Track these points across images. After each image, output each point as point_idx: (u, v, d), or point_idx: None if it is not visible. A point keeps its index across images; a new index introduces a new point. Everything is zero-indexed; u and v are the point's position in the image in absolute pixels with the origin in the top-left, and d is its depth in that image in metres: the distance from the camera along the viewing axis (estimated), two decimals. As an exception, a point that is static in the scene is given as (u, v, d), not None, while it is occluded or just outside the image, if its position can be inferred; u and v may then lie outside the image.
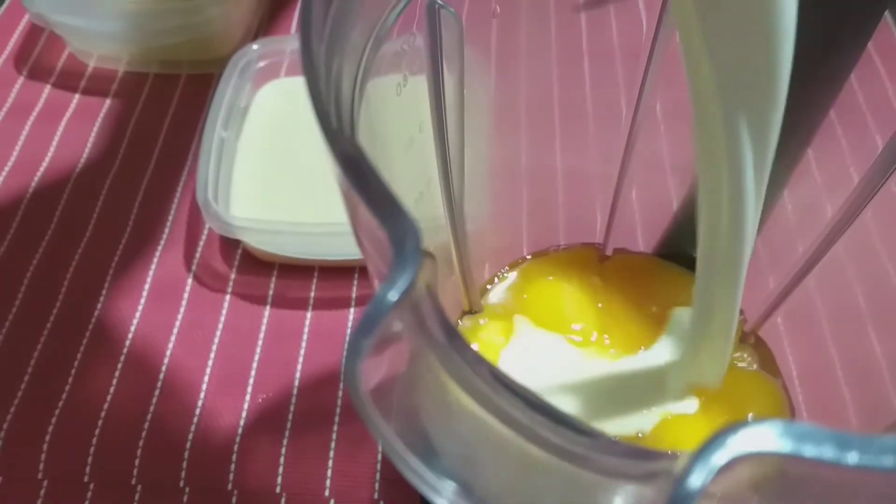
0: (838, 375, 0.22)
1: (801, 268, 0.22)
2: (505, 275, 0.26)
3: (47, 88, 0.38)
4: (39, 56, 0.40)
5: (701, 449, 0.10)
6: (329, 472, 0.26)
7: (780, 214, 0.23)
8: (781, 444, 0.09)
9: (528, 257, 0.26)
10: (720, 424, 0.10)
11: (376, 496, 0.26)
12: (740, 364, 0.24)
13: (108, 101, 0.38)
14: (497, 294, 0.25)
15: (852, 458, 0.09)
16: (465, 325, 0.24)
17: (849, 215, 0.20)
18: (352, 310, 0.30)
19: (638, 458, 0.11)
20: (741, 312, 0.24)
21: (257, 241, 0.30)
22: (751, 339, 0.24)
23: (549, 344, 0.23)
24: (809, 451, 0.09)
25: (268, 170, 0.33)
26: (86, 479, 0.26)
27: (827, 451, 0.09)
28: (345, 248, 0.29)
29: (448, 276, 0.23)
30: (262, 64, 0.35)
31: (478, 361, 0.12)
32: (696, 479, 0.09)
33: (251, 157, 0.33)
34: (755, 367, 0.24)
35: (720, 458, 0.09)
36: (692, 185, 0.24)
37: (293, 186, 0.32)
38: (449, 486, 0.13)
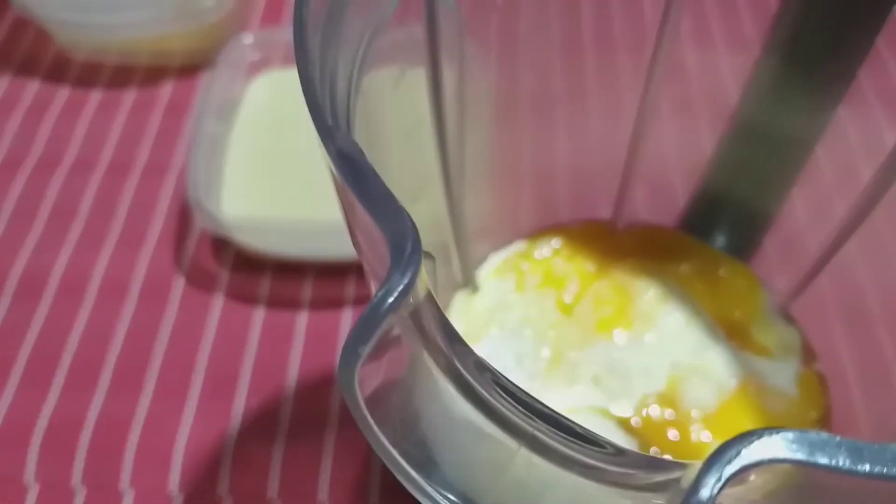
0: (849, 377, 0.22)
1: (812, 268, 0.22)
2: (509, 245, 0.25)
3: (35, 82, 0.38)
4: (27, 49, 0.39)
5: (712, 458, 0.09)
6: (325, 478, 0.26)
7: (789, 213, 0.23)
8: (794, 452, 0.09)
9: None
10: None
11: (372, 502, 0.26)
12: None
13: (97, 95, 0.37)
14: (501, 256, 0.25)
15: (865, 466, 0.09)
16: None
17: (860, 213, 0.20)
18: (348, 310, 0.30)
19: (647, 468, 0.11)
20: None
21: (250, 240, 0.30)
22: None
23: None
24: (822, 459, 0.09)
25: (261, 165, 0.32)
26: (75, 483, 0.26)
27: (840, 460, 0.09)
28: (340, 247, 0.29)
29: (447, 276, 0.23)
30: (254, 55, 0.35)
31: (480, 367, 0.11)
32: (707, 489, 0.09)
33: (243, 152, 0.32)
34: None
35: (732, 467, 0.09)
36: (701, 176, 0.24)
37: (287, 182, 0.32)
38: (449, 498, 0.13)
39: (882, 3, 0.19)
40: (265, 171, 0.32)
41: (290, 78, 0.34)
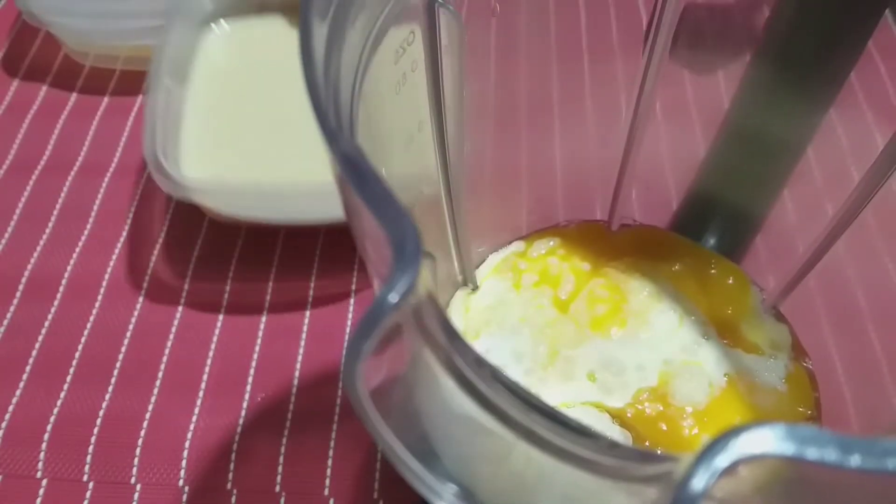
0: (838, 374, 0.22)
1: (801, 268, 0.22)
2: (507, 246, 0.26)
3: (44, 88, 0.38)
4: (35, 55, 0.39)
5: (704, 451, 0.10)
6: (328, 472, 0.26)
7: (780, 214, 0.23)
8: (784, 446, 0.09)
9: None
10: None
11: (376, 496, 0.26)
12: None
13: (105, 99, 0.37)
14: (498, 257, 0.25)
15: (855, 460, 0.09)
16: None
17: (849, 215, 0.20)
18: (351, 306, 0.30)
19: (640, 460, 0.11)
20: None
21: (213, 203, 0.28)
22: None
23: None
24: (812, 453, 0.09)
25: (220, 123, 0.29)
26: (84, 478, 0.26)
27: (830, 454, 0.09)
28: (312, 209, 0.27)
29: (447, 275, 0.23)
30: (207, 5, 0.32)
31: (479, 363, 0.12)
32: (699, 482, 0.09)
33: (201, 109, 0.30)
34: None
35: (723, 460, 0.09)
36: (694, 178, 0.24)
37: (251, 140, 0.29)
38: (449, 489, 0.13)
39: (874, 7, 0.19)
40: (225, 129, 0.29)
41: (245, 28, 0.31)
